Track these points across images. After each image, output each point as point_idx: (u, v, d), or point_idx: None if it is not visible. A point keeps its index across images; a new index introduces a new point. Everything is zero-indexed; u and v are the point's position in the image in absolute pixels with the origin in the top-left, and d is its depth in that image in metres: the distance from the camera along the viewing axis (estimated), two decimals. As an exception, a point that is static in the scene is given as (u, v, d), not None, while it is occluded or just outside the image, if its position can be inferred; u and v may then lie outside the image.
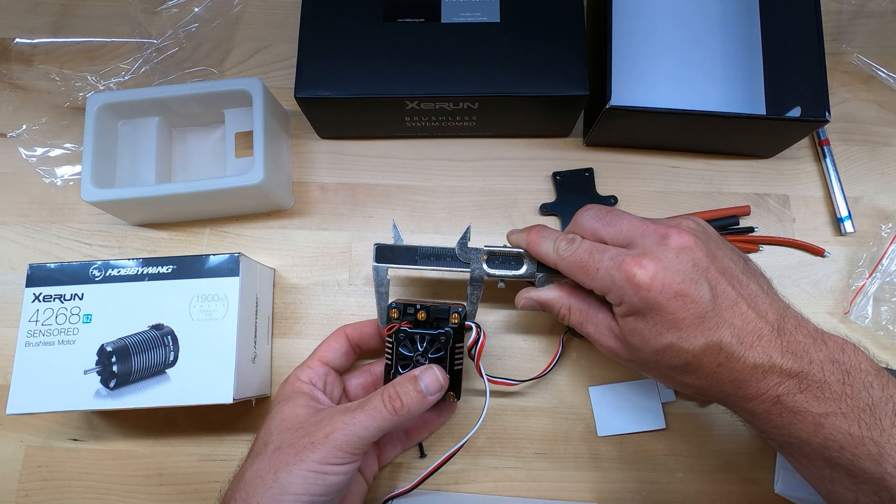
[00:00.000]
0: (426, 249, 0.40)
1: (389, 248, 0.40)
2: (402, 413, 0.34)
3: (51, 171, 0.50)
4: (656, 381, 0.45)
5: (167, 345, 0.39)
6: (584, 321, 0.37)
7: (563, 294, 0.38)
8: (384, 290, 0.39)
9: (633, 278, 0.32)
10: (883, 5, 0.54)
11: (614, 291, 0.33)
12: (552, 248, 0.37)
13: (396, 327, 0.38)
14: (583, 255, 0.35)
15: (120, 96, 0.46)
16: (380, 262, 0.39)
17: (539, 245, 0.38)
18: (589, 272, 0.34)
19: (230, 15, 0.54)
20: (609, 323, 0.36)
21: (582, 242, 0.36)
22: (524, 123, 0.48)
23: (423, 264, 0.40)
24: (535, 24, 0.45)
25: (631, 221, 0.35)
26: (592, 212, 0.37)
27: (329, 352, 0.40)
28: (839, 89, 0.51)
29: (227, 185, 0.43)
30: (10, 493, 0.44)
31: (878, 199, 0.49)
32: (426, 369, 0.36)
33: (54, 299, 0.40)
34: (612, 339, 0.36)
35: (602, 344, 0.36)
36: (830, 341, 0.31)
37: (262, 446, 0.34)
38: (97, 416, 0.45)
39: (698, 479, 0.44)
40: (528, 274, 0.40)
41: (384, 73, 0.44)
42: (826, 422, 0.30)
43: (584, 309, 0.37)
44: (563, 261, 0.36)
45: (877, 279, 0.46)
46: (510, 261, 0.40)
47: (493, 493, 0.43)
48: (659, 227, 0.33)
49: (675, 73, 0.50)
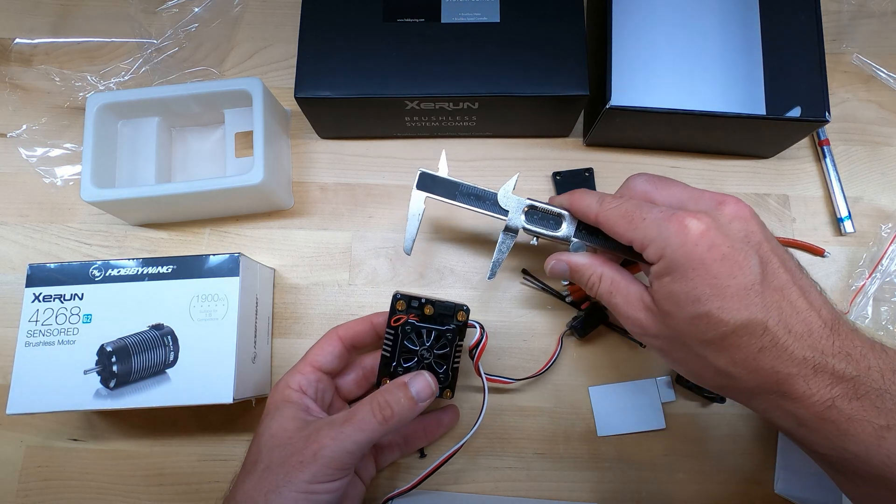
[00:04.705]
0: (468, 187, 0.40)
1: (432, 178, 0.40)
2: (391, 422, 0.33)
3: (51, 171, 0.50)
4: (657, 384, 0.45)
5: (167, 345, 0.39)
6: (613, 291, 0.35)
7: (596, 262, 0.37)
8: (418, 219, 0.40)
9: (683, 229, 0.29)
10: (883, 5, 0.54)
11: (657, 243, 0.31)
12: (596, 201, 0.35)
13: (405, 320, 0.37)
14: (629, 206, 0.33)
15: (120, 96, 0.46)
16: (421, 189, 0.40)
17: (582, 199, 0.36)
18: (633, 221, 0.32)
19: (230, 15, 0.54)
20: (640, 293, 0.33)
21: (629, 198, 0.34)
22: (524, 123, 0.48)
23: (461, 201, 0.39)
24: (535, 24, 0.45)
25: (684, 187, 0.33)
26: (644, 176, 0.35)
27: (321, 355, 0.38)
28: (839, 89, 0.51)
29: (227, 185, 0.43)
30: (10, 493, 0.44)
31: (878, 199, 0.49)
32: (416, 375, 0.35)
33: (54, 299, 0.40)
34: (642, 309, 0.33)
35: (629, 316, 0.34)
36: (892, 351, 0.29)
37: (252, 465, 0.33)
38: (97, 416, 0.45)
39: (698, 479, 0.44)
40: (564, 237, 0.39)
41: (384, 73, 0.44)
42: (890, 435, 0.26)
43: (615, 278, 0.35)
44: (606, 211, 0.34)
45: (877, 279, 0.46)
46: (549, 219, 0.39)
47: (493, 493, 0.43)
48: (715, 194, 0.32)
49: (675, 73, 0.50)
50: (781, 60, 0.48)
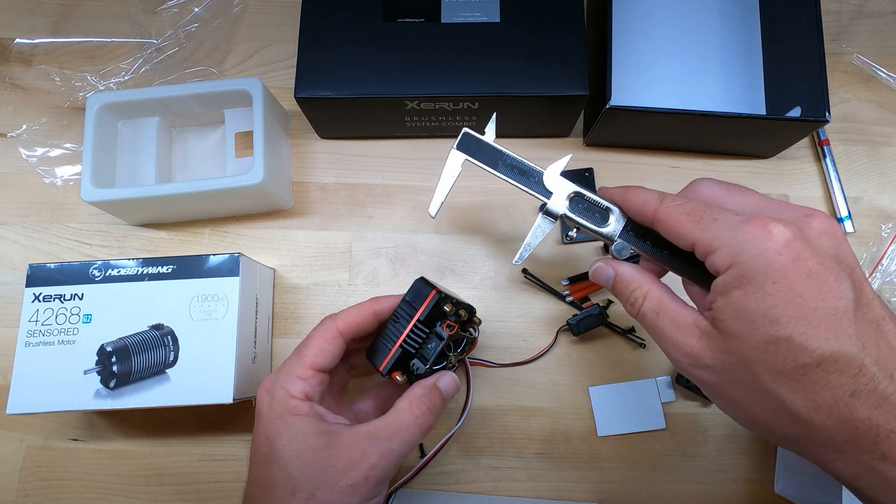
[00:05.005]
0: (513, 159, 0.36)
1: (477, 141, 0.37)
2: (430, 429, 0.32)
3: (51, 171, 0.50)
4: (657, 384, 0.45)
5: (167, 345, 0.39)
6: (660, 311, 0.30)
7: (645, 276, 0.32)
8: (451, 182, 0.37)
9: (765, 234, 0.25)
10: (883, 5, 0.54)
11: (729, 247, 0.26)
12: (655, 197, 0.31)
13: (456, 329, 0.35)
14: (696, 205, 0.29)
15: (120, 96, 0.46)
16: (461, 149, 0.36)
17: (637, 193, 0.32)
18: (702, 220, 0.28)
19: (230, 15, 0.54)
20: (694, 317, 0.29)
21: (697, 200, 0.30)
22: (524, 123, 0.48)
23: (502, 172, 0.36)
24: (535, 24, 0.45)
25: (761, 195, 0.29)
26: (714, 181, 0.31)
27: (321, 356, 0.34)
28: (839, 89, 0.51)
29: (227, 185, 0.43)
30: (10, 493, 0.44)
31: (878, 199, 0.49)
32: (443, 375, 0.35)
33: (54, 299, 0.40)
34: (695, 335, 0.28)
35: (678, 342, 0.29)
36: None
37: (289, 493, 0.30)
38: (97, 416, 0.45)
39: (698, 479, 0.44)
40: (608, 234, 0.34)
41: (384, 73, 0.44)
42: None
43: (662, 298, 0.30)
44: (668, 209, 0.30)
45: (877, 279, 0.46)
46: (595, 211, 0.35)
47: (493, 493, 0.43)
48: (799, 206, 0.27)
49: (675, 73, 0.50)
50: (781, 60, 0.48)
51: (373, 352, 0.36)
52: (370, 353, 0.36)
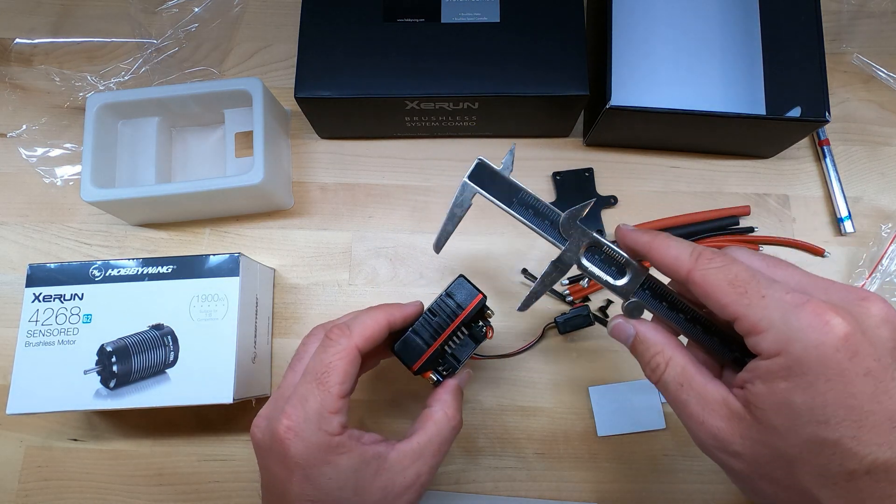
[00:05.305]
0: (530, 197, 0.33)
1: (491, 172, 0.33)
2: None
3: (51, 171, 0.50)
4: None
5: (167, 345, 0.39)
6: (684, 384, 0.27)
7: (668, 340, 0.29)
8: (460, 213, 0.34)
9: (823, 325, 0.23)
10: (883, 5, 0.54)
11: (779, 332, 0.24)
12: (689, 254, 0.27)
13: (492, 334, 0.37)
14: (740, 272, 0.26)
15: (120, 96, 0.46)
16: (473, 181, 0.33)
17: (668, 247, 0.28)
18: (748, 294, 0.25)
19: (230, 15, 0.54)
20: (724, 396, 0.26)
21: (738, 261, 0.27)
22: (524, 123, 0.48)
23: (515, 210, 0.33)
24: (535, 24, 0.45)
25: (808, 273, 0.27)
26: (750, 251, 0.28)
27: (347, 382, 0.31)
28: (839, 89, 0.51)
29: (227, 185, 0.43)
30: (10, 493, 0.44)
31: (878, 199, 0.49)
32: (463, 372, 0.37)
33: (54, 299, 0.40)
34: (725, 417, 0.26)
35: (704, 422, 0.26)
36: None
37: None
38: (97, 416, 0.45)
39: (698, 479, 0.43)
40: (624, 289, 0.32)
41: (384, 73, 0.44)
42: None
43: (688, 368, 0.28)
44: (705, 272, 0.27)
45: (877, 279, 0.46)
46: (612, 264, 0.32)
47: (493, 493, 0.43)
48: (851, 287, 0.25)
49: (675, 73, 0.50)
50: (781, 60, 0.48)
51: (405, 348, 0.34)
52: (401, 348, 0.34)
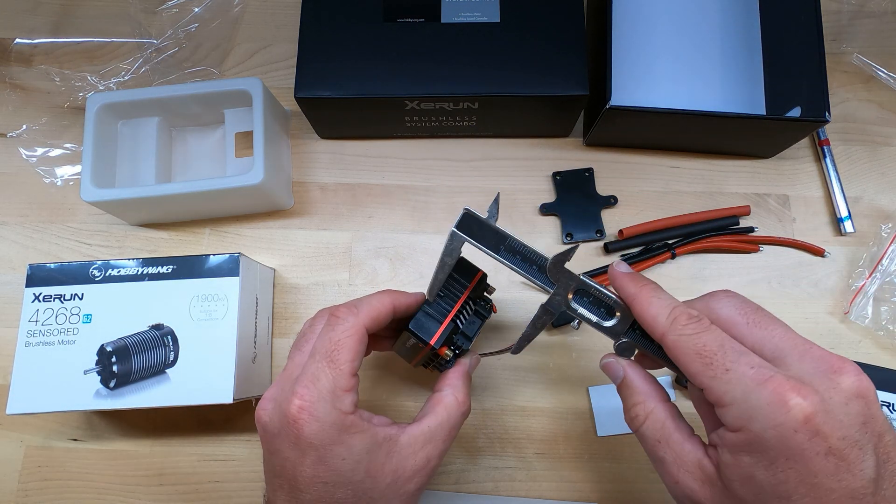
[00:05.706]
0: (516, 244, 0.34)
1: (478, 222, 0.34)
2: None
3: (51, 171, 0.50)
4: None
5: (167, 345, 0.39)
6: (662, 440, 0.28)
7: (652, 392, 0.30)
8: (450, 262, 0.34)
9: (781, 406, 0.23)
10: (883, 5, 0.54)
11: (740, 409, 0.24)
12: (666, 316, 0.28)
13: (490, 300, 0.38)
14: (710, 342, 0.26)
15: (120, 96, 0.46)
16: (461, 230, 0.34)
17: (649, 303, 0.29)
18: (713, 367, 0.25)
19: (230, 15, 0.54)
20: (699, 458, 0.27)
21: (712, 328, 0.27)
22: (524, 123, 0.48)
23: (503, 257, 0.34)
24: (535, 24, 0.45)
25: (787, 333, 0.26)
26: (735, 301, 0.28)
27: (357, 359, 0.31)
28: (839, 89, 0.51)
29: (227, 185, 0.43)
30: (10, 493, 0.44)
31: (878, 199, 0.49)
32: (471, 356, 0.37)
33: (54, 299, 0.40)
34: (698, 480, 0.27)
35: (679, 482, 0.27)
36: None
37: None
38: (97, 416, 0.45)
39: (698, 479, 0.43)
40: (613, 331, 0.33)
41: (384, 73, 0.44)
42: None
43: (667, 425, 0.28)
44: (677, 337, 0.27)
45: (877, 279, 0.46)
46: (601, 305, 0.33)
47: (493, 493, 0.43)
48: (826, 355, 0.25)
49: (675, 73, 0.50)
50: (781, 60, 0.48)
51: (419, 327, 0.35)
52: (415, 327, 0.35)
